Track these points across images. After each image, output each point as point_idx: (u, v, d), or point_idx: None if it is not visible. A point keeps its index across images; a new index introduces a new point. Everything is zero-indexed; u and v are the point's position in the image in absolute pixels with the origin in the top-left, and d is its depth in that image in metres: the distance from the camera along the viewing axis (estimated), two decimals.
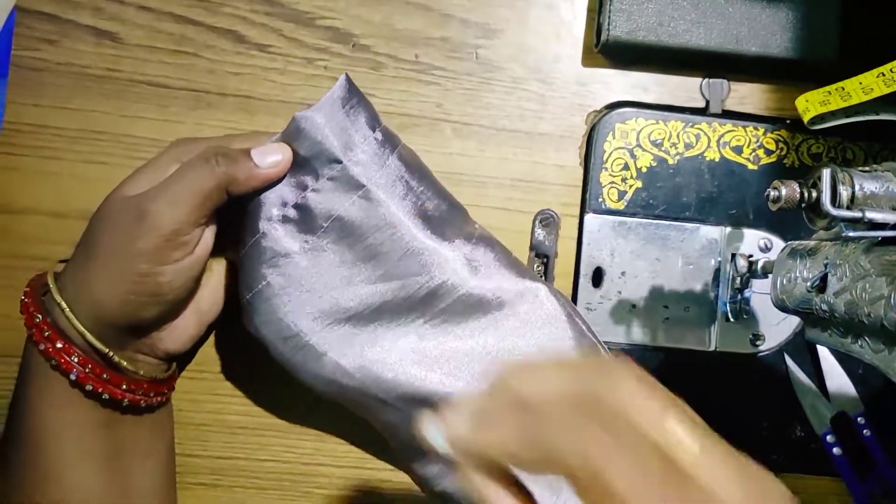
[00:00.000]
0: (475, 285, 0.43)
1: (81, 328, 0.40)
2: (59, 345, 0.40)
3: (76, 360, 0.40)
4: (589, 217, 0.50)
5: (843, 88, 0.43)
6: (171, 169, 0.41)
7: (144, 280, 0.40)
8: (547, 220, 0.50)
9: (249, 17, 0.50)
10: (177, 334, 0.44)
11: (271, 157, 0.41)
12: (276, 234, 0.42)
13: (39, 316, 0.40)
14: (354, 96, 0.42)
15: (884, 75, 0.41)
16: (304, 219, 0.42)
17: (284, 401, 0.50)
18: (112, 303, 0.40)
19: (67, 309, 0.40)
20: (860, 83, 0.42)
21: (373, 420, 0.46)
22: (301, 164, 0.41)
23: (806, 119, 0.45)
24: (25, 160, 0.49)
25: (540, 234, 0.50)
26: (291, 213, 0.42)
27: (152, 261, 0.40)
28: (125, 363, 0.42)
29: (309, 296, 0.43)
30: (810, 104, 0.46)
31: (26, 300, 0.41)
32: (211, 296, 0.45)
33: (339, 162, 0.41)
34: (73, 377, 0.41)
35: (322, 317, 0.43)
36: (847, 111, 0.42)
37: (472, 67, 0.50)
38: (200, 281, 0.44)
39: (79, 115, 0.49)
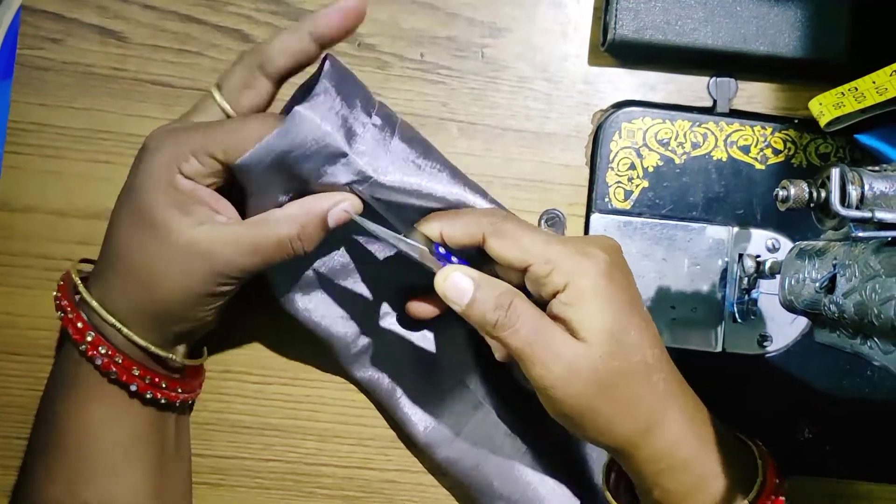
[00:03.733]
0: None
1: (144, 343, 0.40)
2: (118, 359, 0.40)
3: (137, 372, 0.41)
4: (595, 217, 0.49)
5: (856, 89, 0.43)
6: (179, 182, 0.39)
7: (215, 305, 0.41)
8: (553, 219, 0.50)
9: (254, 15, 0.49)
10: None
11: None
12: None
13: (92, 333, 0.40)
14: (344, 81, 0.40)
15: None
16: None
17: (289, 400, 0.50)
18: (178, 321, 0.41)
19: (125, 329, 0.40)
20: (873, 82, 0.42)
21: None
22: (305, 162, 0.41)
23: (822, 123, 0.44)
24: (30, 159, 0.49)
25: None
26: None
27: (227, 294, 0.41)
28: (185, 361, 0.43)
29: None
30: (824, 107, 0.45)
31: (70, 315, 0.41)
32: None
33: (345, 155, 0.40)
34: (133, 388, 0.41)
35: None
36: (862, 110, 0.42)
37: (478, 66, 0.50)
38: None
39: (83, 115, 0.49)
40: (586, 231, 0.50)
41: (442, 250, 0.40)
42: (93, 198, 0.49)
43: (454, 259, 0.40)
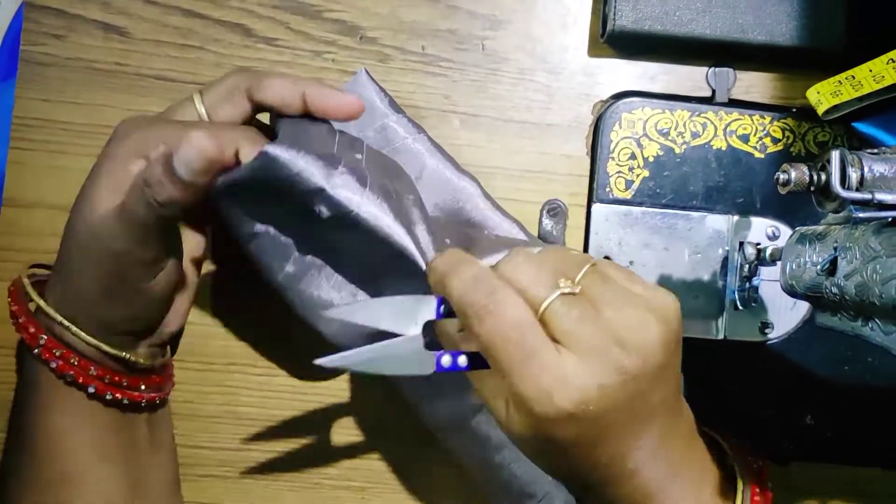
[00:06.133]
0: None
1: (94, 342, 0.40)
2: (73, 361, 0.40)
3: (94, 372, 0.40)
4: (596, 207, 0.50)
5: (853, 77, 0.43)
6: (134, 166, 0.38)
7: (141, 296, 0.40)
8: (555, 210, 0.50)
9: (256, 10, 0.50)
10: (174, 315, 0.44)
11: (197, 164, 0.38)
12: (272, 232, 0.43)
13: (44, 336, 0.40)
14: (303, 134, 0.40)
15: (894, 61, 0.41)
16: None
17: (294, 392, 0.50)
18: (115, 317, 0.41)
19: (73, 327, 0.40)
20: (870, 70, 0.42)
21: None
22: (282, 194, 0.40)
23: (820, 111, 0.45)
24: (33, 154, 0.49)
25: (548, 224, 0.50)
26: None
27: (142, 279, 0.40)
28: (141, 360, 0.42)
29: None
30: (822, 96, 0.46)
31: (21, 320, 0.41)
32: (192, 266, 0.45)
33: (322, 190, 0.39)
34: (91, 390, 0.41)
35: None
36: (860, 98, 0.42)
37: (479, 59, 0.50)
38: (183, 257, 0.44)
39: (86, 110, 0.49)
40: (588, 221, 0.50)
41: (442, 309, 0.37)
42: None
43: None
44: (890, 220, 0.35)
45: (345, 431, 0.50)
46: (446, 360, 0.35)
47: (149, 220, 0.38)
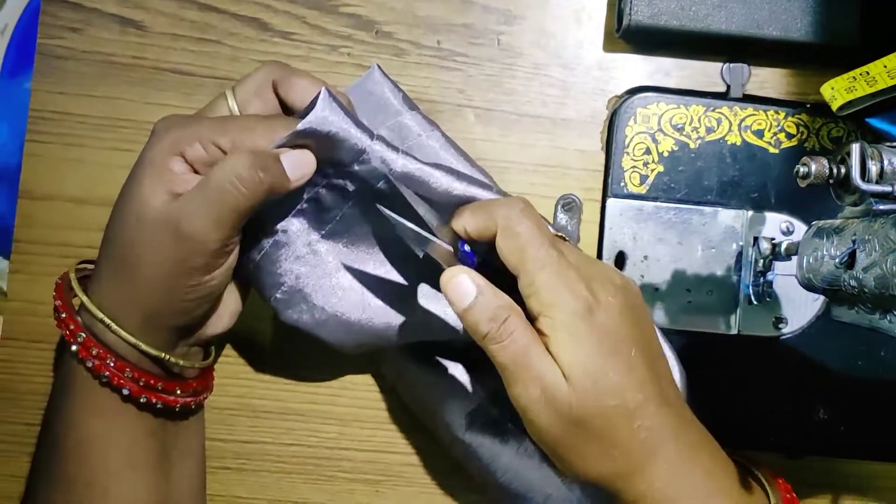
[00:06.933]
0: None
1: (134, 340, 0.40)
2: (110, 362, 0.40)
3: (129, 374, 0.40)
4: (611, 202, 0.50)
5: (867, 73, 0.43)
6: (174, 164, 0.39)
7: (197, 289, 0.40)
8: (569, 204, 0.50)
9: (273, 4, 0.50)
10: (220, 315, 0.44)
11: (302, 170, 0.40)
12: (294, 228, 0.43)
13: (83, 334, 0.40)
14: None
15: None
16: (318, 210, 0.43)
17: (309, 385, 0.50)
18: (165, 312, 0.40)
19: (114, 325, 0.40)
20: (885, 66, 0.42)
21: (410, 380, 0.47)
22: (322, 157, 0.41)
23: (835, 107, 0.45)
24: (50, 147, 0.49)
25: (562, 218, 0.50)
26: (305, 206, 0.42)
27: (203, 272, 0.39)
28: (180, 361, 0.42)
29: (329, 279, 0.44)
30: (836, 91, 0.46)
31: (63, 316, 0.40)
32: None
33: (364, 151, 0.40)
34: (125, 392, 0.40)
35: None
36: (874, 94, 0.42)
37: (494, 53, 0.51)
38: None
39: (103, 103, 0.50)
40: (602, 216, 0.50)
41: (467, 248, 0.41)
42: (113, 186, 0.48)
43: (475, 259, 0.40)
44: None
45: (359, 425, 0.50)
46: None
47: (240, 206, 0.38)
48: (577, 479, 0.39)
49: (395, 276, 0.46)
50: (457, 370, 0.48)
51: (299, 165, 0.40)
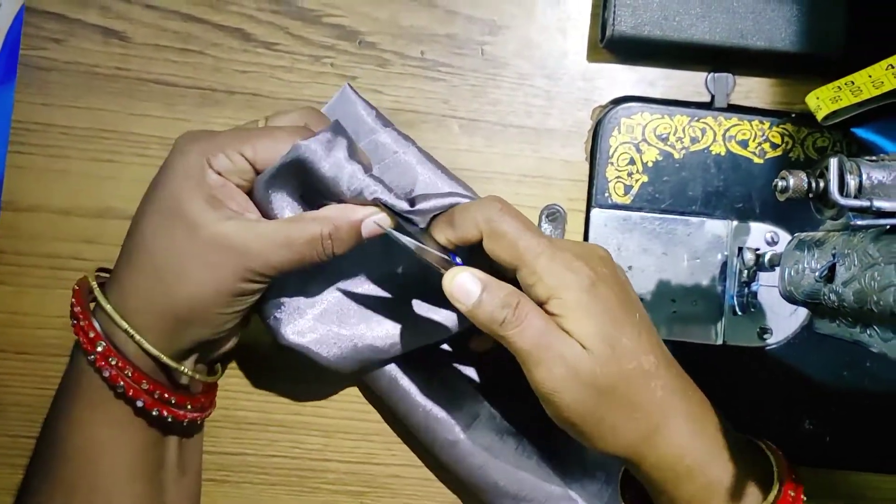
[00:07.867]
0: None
1: (156, 352, 0.40)
2: (127, 372, 0.40)
3: (146, 386, 0.40)
4: (595, 212, 0.50)
5: (852, 83, 0.43)
6: (209, 175, 0.40)
7: (239, 306, 0.41)
8: (554, 214, 0.50)
9: (256, 15, 0.50)
10: (233, 331, 0.44)
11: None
12: None
13: (103, 343, 0.40)
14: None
15: (893, 67, 0.41)
16: None
17: (293, 397, 0.50)
18: (196, 324, 0.40)
19: (137, 335, 0.40)
20: (869, 76, 0.42)
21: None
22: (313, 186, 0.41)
23: (819, 117, 0.45)
24: (34, 158, 0.49)
25: (547, 228, 0.50)
26: None
27: (252, 294, 0.41)
28: (198, 375, 0.42)
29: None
30: (821, 101, 0.46)
31: (82, 323, 0.40)
32: None
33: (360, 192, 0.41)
34: (139, 404, 0.40)
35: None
36: (859, 104, 0.42)
37: (478, 64, 0.50)
38: None
39: (86, 114, 0.49)
40: (587, 226, 0.50)
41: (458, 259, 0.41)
42: (97, 196, 0.49)
43: (458, 261, 0.41)
44: (888, 227, 0.35)
45: (343, 436, 0.50)
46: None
47: (313, 260, 0.40)
48: (607, 453, 0.40)
49: (379, 291, 0.46)
50: (451, 372, 0.48)
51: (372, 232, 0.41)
